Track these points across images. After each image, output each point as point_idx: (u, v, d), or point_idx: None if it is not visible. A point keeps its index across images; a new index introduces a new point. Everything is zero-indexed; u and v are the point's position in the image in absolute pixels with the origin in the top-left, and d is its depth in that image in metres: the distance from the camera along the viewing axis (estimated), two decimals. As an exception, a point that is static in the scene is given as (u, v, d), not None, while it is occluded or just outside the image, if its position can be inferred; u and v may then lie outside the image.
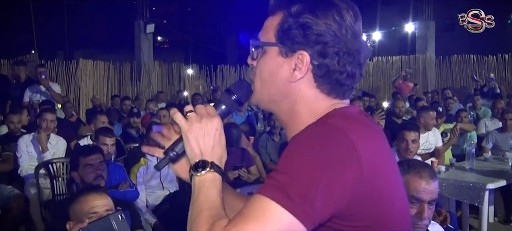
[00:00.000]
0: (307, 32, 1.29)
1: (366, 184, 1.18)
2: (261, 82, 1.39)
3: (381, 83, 17.85)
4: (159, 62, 17.19)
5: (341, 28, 1.29)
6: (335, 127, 1.22)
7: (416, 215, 2.62)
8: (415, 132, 5.08)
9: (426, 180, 2.66)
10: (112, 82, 15.83)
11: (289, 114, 1.38)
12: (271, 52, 1.36)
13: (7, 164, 6.17)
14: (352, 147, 1.18)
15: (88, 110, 11.44)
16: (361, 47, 1.33)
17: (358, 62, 1.33)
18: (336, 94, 1.34)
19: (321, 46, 1.29)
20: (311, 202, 1.12)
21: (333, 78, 1.31)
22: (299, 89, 1.34)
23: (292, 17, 1.31)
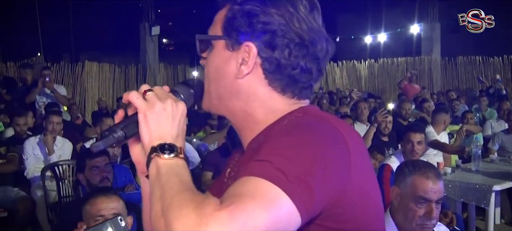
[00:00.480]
0: (252, 20, 1.16)
1: (353, 176, 1.08)
2: (209, 81, 1.26)
3: (386, 84, 17.86)
4: (165, 65, 17.23)
5: (293, 18, 1.15)
6: (317, 116, 1.14)
7: (425, 215, 2.63)
8: (421, 133, 5.07)
9: (432, 180, 2.67)
10: (117, 85, 15.89)
11: (243, 117, 1.24)
12: (218, 47, 1.22)
13: (11, 165, 6.18)
14: (341, 135, 1.09)
15: (93, 112, 11.48)
16: (318, 40, 1.18)
17: (315, 56, 1.18)
18: (291, 93, 1.20)
19: (269, 36, 1.15)
20: (310, 188, 0.97)
21: (285, 73, 1.17)
22: (248, 87, 1.20)
23: (237, 5, 1.18)
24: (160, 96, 1.15)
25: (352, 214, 1.09)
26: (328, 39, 1.22)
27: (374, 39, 18.84)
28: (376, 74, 18.29)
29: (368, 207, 1.15)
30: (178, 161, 1.07)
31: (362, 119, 7.80)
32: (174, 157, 1.07)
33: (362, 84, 18.35)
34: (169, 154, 1.07)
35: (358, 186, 1.10)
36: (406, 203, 2.70)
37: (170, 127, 1.11)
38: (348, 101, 10.19)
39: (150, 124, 1.11)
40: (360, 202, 1.11)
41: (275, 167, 0.97)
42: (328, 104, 10.51)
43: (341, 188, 1.05)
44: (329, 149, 1.05)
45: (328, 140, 1.07)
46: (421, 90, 13.80)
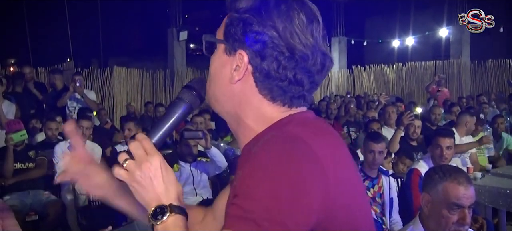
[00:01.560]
0: (246, 29, 1.20)
1: (334, 192, 1.10)
2: (210, 80, 1.33)
3: (414, 88, 17.68)
4: (192, 69, 17.33)
5: (286, 31, 1.18)
6: (294, 136, 1.13)
7: (458, 221, 2.61)
8: (450, 138, 4.98)
9: (464, 186, 2.65)
10: (145, 89, 16.02)
11: (236, 120, 1.29)
12: (219, 50, 1.29)
13: (41, 169, 6.27)
14: (314, 157, 1.10)
15: (122, 117, 11.58)
16: (312, 54, 1.20)
17: (306, 69, 1.20)
18: (281, 101, 1.23)
19: (260, 46, 1.19)
20: (284, 225, 1.01)
21: (273, 83, 1.21)
22: (240, 92, 1.25)
23: (236, 13, 1.23)
24: (138, 161, 1.20)
25: (340, 225, 1.13)
26: (325, 54, 1.24)
27: (402, 42, 18.69)
28: (404, 78, 18.13)
29: (355, 218, 1.18)
30: (170, 220, 1.15)
31: (390, 123, 7.74)
32: (167, 218, 1.14)
33: (389, 88, 18.20)
34: (161, 217, 1.14)
35: (341, 202, 1.13)
36: (439, 210, 2.68)
37: (154, 189, 1.18)
38: (376, 106, 10.12)
39: (138, 193, 1.20)
40: (346, 216, 1.14)
41: (245, 215, 1.02)
42: (355, 108, 10.43)
43: (321, 209, 1.07)
44: (301, 182, 1.06)
45: (300, 172, 1.07)
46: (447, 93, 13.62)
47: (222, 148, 6.60)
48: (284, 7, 1.20)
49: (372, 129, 6.80)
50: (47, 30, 19.97)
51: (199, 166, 5.83)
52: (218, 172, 5.93)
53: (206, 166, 5.86)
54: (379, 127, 7.05)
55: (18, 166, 6.09)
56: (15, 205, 5.43)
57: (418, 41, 18.24)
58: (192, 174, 5.71)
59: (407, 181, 4.91)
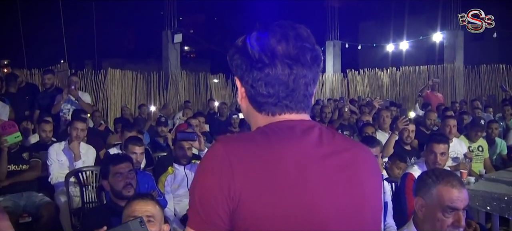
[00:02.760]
0: (232, 63, 1.52)
1: (239, 196, 1.33)
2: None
3: (408, 93, 17.73)
4: (186, 72, 17.33)
5: (254, 54, 1.45)
6: (218, 142, 1.43)
7: (453, 224, 2.62)
8: (445, 144, 4.98)
9: (458, 188, 2.66)
10: (140, 92, 16.00)
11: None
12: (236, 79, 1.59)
13: (35, 171, 6.25)
14: (223, 155, 1.37)
15: (116, 119, 11.57)
16: (274, 66, 1.44)
17: (276, 79, 1.45)
18: (265, 111, 1.51)
19: (237, 70, 1.51)
20: (200, 214, 1.36)
21: (255, 96, 1.49)
22: (245, 107, 1.58)
23: (231, 50, 1.53)
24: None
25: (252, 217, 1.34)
26: (292, 65, 1.44)
27: (396, 47, 18.75)
28: (398, 82, 18.17)
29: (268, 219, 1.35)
30: None
31: (384, 128, 7.76)
32: None
33: (383, 93, 18.25)
34: None
35: (248, 199, 1.34)
36: (433, 214, 2.69)
37: None
38: (370, 110, 10.14)
39: None
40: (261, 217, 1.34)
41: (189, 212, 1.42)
42: (349, 112, 10.45)
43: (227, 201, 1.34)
44: (207, 175, 1.38)
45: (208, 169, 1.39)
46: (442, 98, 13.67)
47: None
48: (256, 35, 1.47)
49: (366, 132, 6.81)
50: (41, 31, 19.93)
51: (193, 168, 5.82)
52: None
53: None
54: (373, 131, 7.06)
55: (12, 167, 6.07)
56: (9, 207, 5.41)
57: (412, 46, 18.31)
58: (186, 176, 5.70)
59: (401, 185, 4.92)
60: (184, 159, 5.76)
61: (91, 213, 4.74)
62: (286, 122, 1.49)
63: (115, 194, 4.07)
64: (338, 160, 1.46)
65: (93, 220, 3.81)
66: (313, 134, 1.47)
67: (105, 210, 4.23)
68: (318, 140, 1.46)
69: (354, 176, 1.48)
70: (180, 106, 15.40)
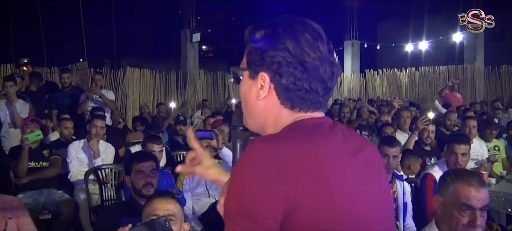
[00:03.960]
0: (263, 55, 1.44)
1: (294, 188, 1.27)
2: (242, 104, 1.57)
3: (427, 93, 17.59)
4: (204, 71, 17.37)
5: (295, 49, 1.41)
6: (262, 143, 1.35)
7: (468, 224, 2.60)
8: (466, 144, 4.92)
9: (475, 187, 2.63)
10: (158, 90, 16.07)
11: (262, 131, 1.53)
12: (245, 76, 1.53)
13: (55, 168, 6.30)
14: (274, 157, 1.30)
15: (134, 117, 11.63)
16: (320, 64, 1.42)
17: (319, 78, 1.43)
18: (299, 107, 1.46)
19: (276, 67, 1.42)
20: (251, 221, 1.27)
21: (293, 94, 1.44)
22: (265, 106, 1.49)
23: (252, 43, 1.47)
24: None
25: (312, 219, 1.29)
26: (332, 63, 1.46)
27: (415, 47, 18.60)
28: (417, 82, 18.05)
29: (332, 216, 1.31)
30: None
31: (404, 128, 7.71)
32: None
33: (402, 93, 18.13)
34: None
35: (308, 199, 1.28)
36: (450, 212, 2.67)
37: None
38: (389, 110, 10.08)
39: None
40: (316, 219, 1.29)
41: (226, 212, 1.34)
42: (367, 112, 10.39)
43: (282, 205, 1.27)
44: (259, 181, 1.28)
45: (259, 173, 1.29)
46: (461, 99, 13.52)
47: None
48: (291, 31, 1.43)
49: (385, 133, 6.77)
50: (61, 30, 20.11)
51: (212, 168, 5.81)
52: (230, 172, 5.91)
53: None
54: (392, 131, 7.02)
55: (32, 164, 6.13)
56: (29, 204, 5.45)
57: (432, 46, 18.15)
58: (204, 175, 5.70)
59: (421, 185, 4.88)
60: (202, 158, 5.76)
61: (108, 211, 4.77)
62: (312, 120, 1.46)
63: (135, 192, 4.09)
64: (362, 156, 1.48)
65: (110, 217, 3.83)
66: (338, 130, 1.47)
67: (122, 208, 4.25)
68: (343, 137, 1.46)
69: (376, 172, 1.52)
70: (198, 105, 15.44)
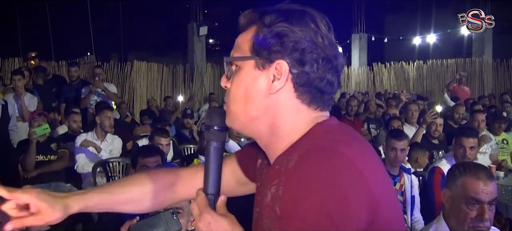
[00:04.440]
0: (283, 39, 1.25)
1: (376, 202, 1.13)
2: (236, 101, 1.33)
3: (435, 86, 17.52)
4: (212, 64, 17.38)
5: (317, 35, 1.26)
6: (333, 148, 1.16)
7: (476, 217, 2.59)
8: (474, 138, 4.90)
9: (483, 181, 2.62)
10: (165, 84, 16.10)
11: (270, 131, 1.31)
12: (246, 67, 1.31)
13: (63, 162, 6.32)
14: (356, 169, 1.13)
15: (142, 111, 11.66)
16: (338, 55, 1.30)
17: (336, 69, 1.30)
18: (316, 104, 1.29)
19: (299, 53, 1.25)
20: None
21: (313, 86, 1.27)
22: (278, 101, 1.28)
23: (266, 27, 1.28)
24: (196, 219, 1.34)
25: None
26: (341, 55, 1.32)
27: (423, 40, 18.52)
28: (425, 75, 17.97)
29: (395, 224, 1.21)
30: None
31: (412, 121, 7.69)
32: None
33: (410, 86, 18.07)
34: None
35: (383, 211, 1.15)
36: (458, 205, 2.66)
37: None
38: (397, 103, 10.05)
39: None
40: (387, 224, 1.16)
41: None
42: (375, 105, 10.35)
43: (366, 221, 1.11)
44: (344, 201, 1.08)
45: (344, 191, 1.09)
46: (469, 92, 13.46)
47: (242, 143, 6.60)
48: (309, 17, 1.28)
49: (393, 126, 6.75)
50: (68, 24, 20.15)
51: (219, 161, 5.83)
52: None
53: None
54: (399, 125, 7.01)
55: (40, 158, 6.15)
56: (37, 197, 5.47)
57: (440, 39, 18.05)
58: (211, 169, 5.72)
59: (428, 179, 4.87)
60: (209, 151, 5.78)
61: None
62: (333, 120, 1.32)
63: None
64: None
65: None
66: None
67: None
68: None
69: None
70: (205, 99, 15.45)
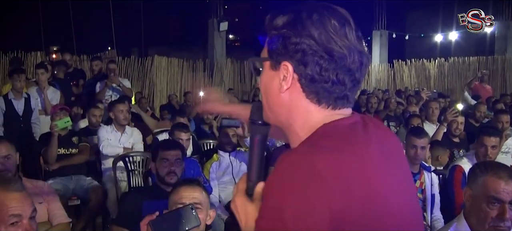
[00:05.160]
0: (286, 42, 1.32)
1: (341, 203, 1.17)
2: (263, 97, 1.45)
3: (456, 84, 17.36)
4: (231, 60, 17.40)
5: (321, 36, 1.29)
6: (300, 155, 1.24)
7: (497, 217, 2.57)
8: (496, 137, 4.84)
9: (505, 180, 2.60)
10: (185, 79, 16.15)
11: (287, 127, 1.41)
12: (266, 67, 1.41)
13: (84, 155, 6.38)
14: (315, 172, 1.18)
15: (162, 106, 11.73)
16: (349, 53, 1.31)
17: (346, 68, 1.32)
18: (326, 103, 1.34)
19: (300, 55, 1.31)
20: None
21: (319, 86, 1.32)
22: (290, 100, 1.37)
23: (275, 30, 1.36)
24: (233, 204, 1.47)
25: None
26: (361, 52, 1.34)
27: (445, 37, 18.35)
28: (446, 73, 17.82)
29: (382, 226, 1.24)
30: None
31: (432, 119, 7.63)
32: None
33: (431, 84, 17.93)
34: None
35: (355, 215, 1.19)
36: (478, 204, 2.64)
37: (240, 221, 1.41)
38: (418, 101, 9.98)
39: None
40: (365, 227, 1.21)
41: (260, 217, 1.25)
42: (395, 103, 10.30)
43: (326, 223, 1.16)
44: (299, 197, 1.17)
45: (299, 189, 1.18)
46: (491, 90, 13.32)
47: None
48: (316, 16, 1.31)
49: (412, 124, 6.71)
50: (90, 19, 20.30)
51: (238, 156, 5.85)
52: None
53: (245, 156, 5.88)
54: (419, 122, 6.96)
55: (62, 151, 6.22)
56: (59, 189, 5.53)
57: (462, 36, 17.88)
58: (231, 164, 5.74)
59: (449, 177, 4.83)
60: (228, 146, 5.80)
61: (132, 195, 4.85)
62: (343, 121, 1.35)
63: (159, 178, 4.14)
64: (393, 154, 1.41)
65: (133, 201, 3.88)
66: (371, 130, 1.37)
67: (146, 192, 4.32)
68: (376, 138, 1.36)
69: (406, 169, 1.48)
70: (224, 94, 15.48)
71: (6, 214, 2.27)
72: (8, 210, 2.27)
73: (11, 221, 2.28)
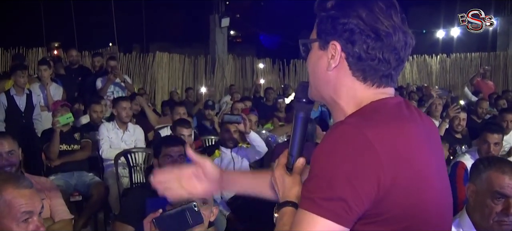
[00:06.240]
0: (334, 23, 1.41)
1: (389, 173, 1.26)
2: (310, 75, 1.54)
3: (458, 80, 17.33)
4: (233, 56, 17.38)
5: (368, 16, 1.37)
6: (353, 126, 1.32)
7: (502, 212, 2.57)
8: (499, 134, 4.82)
9: (509, 175, 2.60)
10: (187, 75, 16.13)
11: (332, 103, 1.50)
12: (314, 47, 1.50)
13: (86, 151, 6.39)
14: (367, 142, 1.27)
15: (163, 102, 11.72)
16: (394, 32, 1.39)
17: (392, 47, 1.39)
18: (371, 80, 1.42)
19: (348, 34, 1.39)
20: (339, 200, 1.24)
21: (365, 64, 1.40)
22: (336, 78, 1.45)
23: (324, 12, 1.44)
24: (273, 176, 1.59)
25: (399, 213, 1.30)
26: (405, 32, 1.42)
27: (447, 33, 18.30)
28: (448, 69, 17.78)
29: (423, 195, 1.34)
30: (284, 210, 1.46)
31: (435, 115, 7.63)
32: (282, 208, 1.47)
33: (432, 80, 17.88)
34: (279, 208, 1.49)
35: (402, 178, 1.28)
36: (482, 200, 2.64)
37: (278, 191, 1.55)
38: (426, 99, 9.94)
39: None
40: (408, 199, 1.31)
41: (307, 194, 1.31)
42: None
43: (375, 188, 1.26)
44: (353, 162, 1.26)
45: (352, 154, 1.27)
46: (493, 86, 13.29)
47: (263, 135, 6.61)
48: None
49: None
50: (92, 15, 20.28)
51: (240, 152, 5.85)
52: (258, 157, 5.95)
53: (247, 152, 5.88)
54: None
55: (64, 147, 6.22)
56: (61, 185, 5.54)
57: (464, 33, 17.82)
58: (233, 160, 5.74)
59: (451, 173, 4.81)
60: (230, 142, 5.80)
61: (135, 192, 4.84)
62: (390, 100, 1.43)
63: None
64: (433, 138, 1.49)
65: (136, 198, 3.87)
66: (413, 111, 1.47)
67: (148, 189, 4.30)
68: (419, 118, 1.47)
69: (441, 152, 1.56)
70: (226, 90, 15.48)
71: (18, 211, 2.25)
72: (20, 207, 2.26)
73: (23, 218, 2.27)
